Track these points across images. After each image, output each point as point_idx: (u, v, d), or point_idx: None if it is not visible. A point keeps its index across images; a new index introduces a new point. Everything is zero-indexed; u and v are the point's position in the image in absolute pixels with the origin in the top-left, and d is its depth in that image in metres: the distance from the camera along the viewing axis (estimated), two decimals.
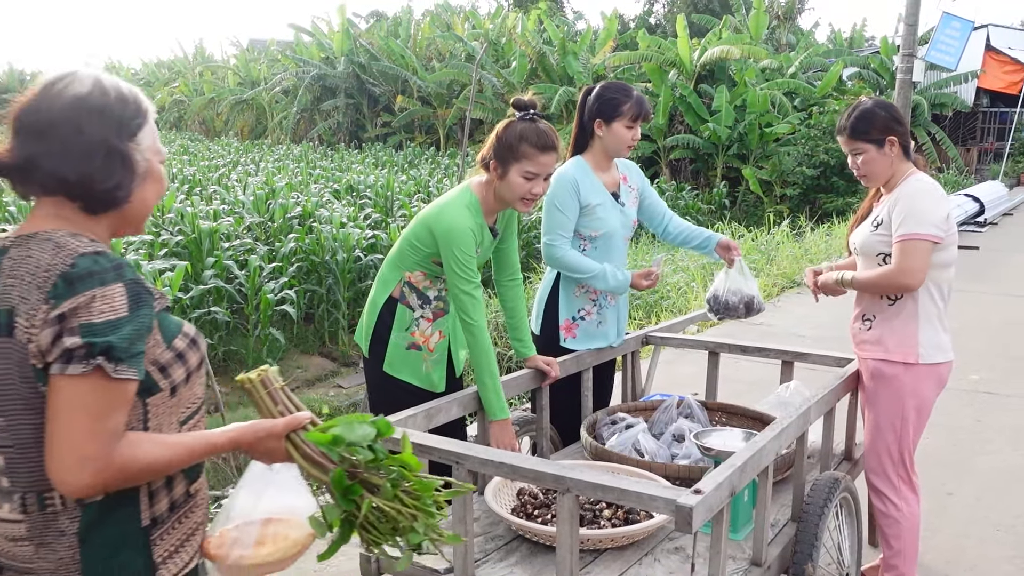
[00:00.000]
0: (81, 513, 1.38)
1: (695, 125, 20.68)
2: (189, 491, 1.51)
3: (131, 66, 48.31)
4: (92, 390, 1.30)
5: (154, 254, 9.04)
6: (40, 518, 1.38)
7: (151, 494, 1.44)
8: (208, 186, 14.98)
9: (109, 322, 1.30)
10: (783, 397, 3.35)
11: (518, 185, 2.76)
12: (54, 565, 1.38)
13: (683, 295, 8.67)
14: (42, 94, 1.41)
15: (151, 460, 1.37)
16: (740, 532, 2.59)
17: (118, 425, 1.33)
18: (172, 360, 1.44)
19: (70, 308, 1.29)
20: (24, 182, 1.41)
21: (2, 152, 1.40)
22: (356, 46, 29.16)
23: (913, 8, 16.94)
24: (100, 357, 1.29)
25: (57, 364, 1.29)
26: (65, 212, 1.42)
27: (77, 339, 1.28)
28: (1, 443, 1.38)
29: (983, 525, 3.84)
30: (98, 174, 1.39)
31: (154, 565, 1.44)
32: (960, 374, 6.18)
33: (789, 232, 12.35)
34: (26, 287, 1.33)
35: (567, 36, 25.58)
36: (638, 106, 3.26)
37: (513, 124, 2.78)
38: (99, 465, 1.31)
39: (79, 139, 1.38)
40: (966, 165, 23.41)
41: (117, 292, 1.32)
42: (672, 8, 38.46)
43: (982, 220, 15.14)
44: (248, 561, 1.48)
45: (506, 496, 2.69)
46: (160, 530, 1.45)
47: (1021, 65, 23.12)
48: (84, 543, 1.38)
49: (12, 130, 1.40)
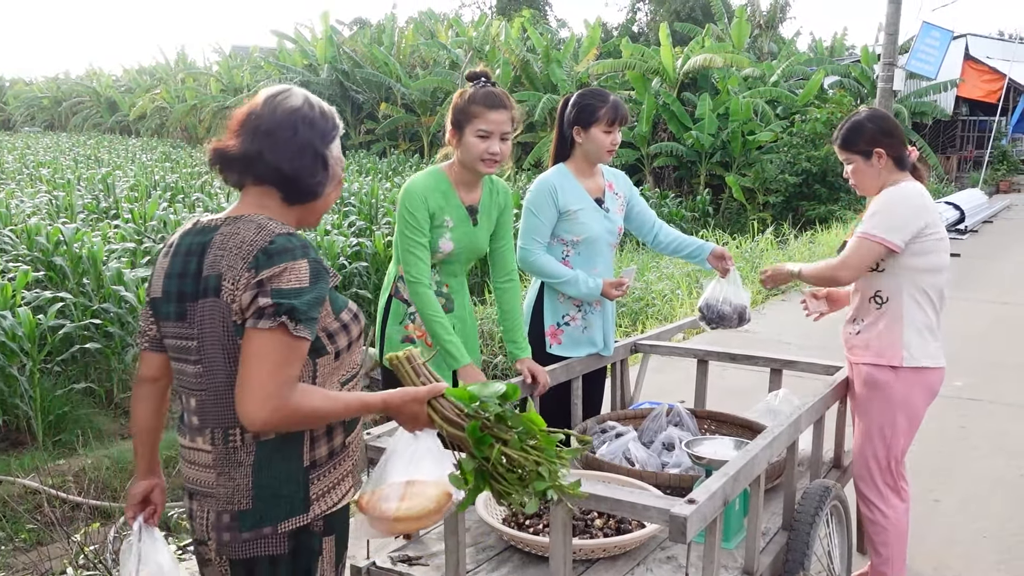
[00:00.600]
0: (256, 449, 1.69)
1: (678, 133, 20.78)
2: (345, 442, 1.80)
3: (112, 72, 48.08)
4: (275, 342, 1.59)
5: (137, 262, 8.97)
6: (224, 451, 1.70)
7: (312, 440, 1.73)
8: (191, 193, 14.90)
9: (294, 289, 1.61)
10: (772, 405, 3.36)
11: (473, 145, 2.83)
12: (230, 490, 1.70)
13: (668, 302, 8.69)
14: (265, 104, 1.74)
15: (316, 408, 1.65)
16: (732, 541, 2.59)
17: (293, 375, 1.62)
18: (338, 329, 1.75)
19: (267, 276, 1.61)
20: (243, 171, 1.74)
21: (231, 146, 1.73)
22: (339, 53, 29.12)
23: (893, 18, 17.12)
24: (284, 316, 1.59)
25: (251, 319, 1.61)
26: (267, 201, 1.75)
27: (268, 299, 1.59)
28: (197, 387, 1.72)
29: (969, 532, 3.86)
30: (306, 171, 1.73)
31: (309, 499, 1.72)
32: (944, 380, 6.21)
33: (773, 239, 12.41)
34: (233, 258, 1.65)
35: (551, 44, 25.63)
36: (614, 110, 3.27)
37: (464, 92, 2.87)
38: (277, 404, 1.59)
39: (294, 140, 1.71)
40: (946, 173, 23.62)
41: (303, 267, 1.64)
42: (655, 17, 38.66)
43: (963, 227, 15.27)
44: (392, 514, 1.75)
45: (498, 506, 2.67)
46: (318, 472, 1.74)
47: (999, 74, 23.39)
48: (257, 473, 1.69)
49: (237, 130, 1.73)
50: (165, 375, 1.87)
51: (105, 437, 6.92)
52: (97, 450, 6.52)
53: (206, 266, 1.68)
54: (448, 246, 2.89)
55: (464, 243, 2.93)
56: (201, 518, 1.75)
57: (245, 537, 1.70)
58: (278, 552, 1.71)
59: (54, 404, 6.85)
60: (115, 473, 6.11)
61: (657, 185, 21.16)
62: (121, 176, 18.30)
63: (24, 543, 5.10)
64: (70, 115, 47.09)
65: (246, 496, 1.69)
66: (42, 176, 17.97)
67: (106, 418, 7.27)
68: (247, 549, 1.71)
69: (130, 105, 41.27)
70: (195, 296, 1.69)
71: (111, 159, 24.84)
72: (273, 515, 1.70)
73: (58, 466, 6.12)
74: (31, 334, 6.57)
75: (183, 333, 1.72)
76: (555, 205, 3.29)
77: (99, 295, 7.89)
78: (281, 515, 1.70)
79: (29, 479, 5.70)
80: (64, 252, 8.38)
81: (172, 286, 1.73)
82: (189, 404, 1.75)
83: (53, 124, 48.81)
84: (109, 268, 7.90)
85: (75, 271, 8.21)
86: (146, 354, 1.86)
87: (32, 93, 51.23)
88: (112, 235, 10.02)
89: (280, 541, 1.71)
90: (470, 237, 2.96)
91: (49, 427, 6.73)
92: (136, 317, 7.52)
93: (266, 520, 1.70)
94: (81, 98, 46.62)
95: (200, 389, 1.71)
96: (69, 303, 7.52)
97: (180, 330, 1.73)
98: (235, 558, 1.72)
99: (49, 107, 49.20)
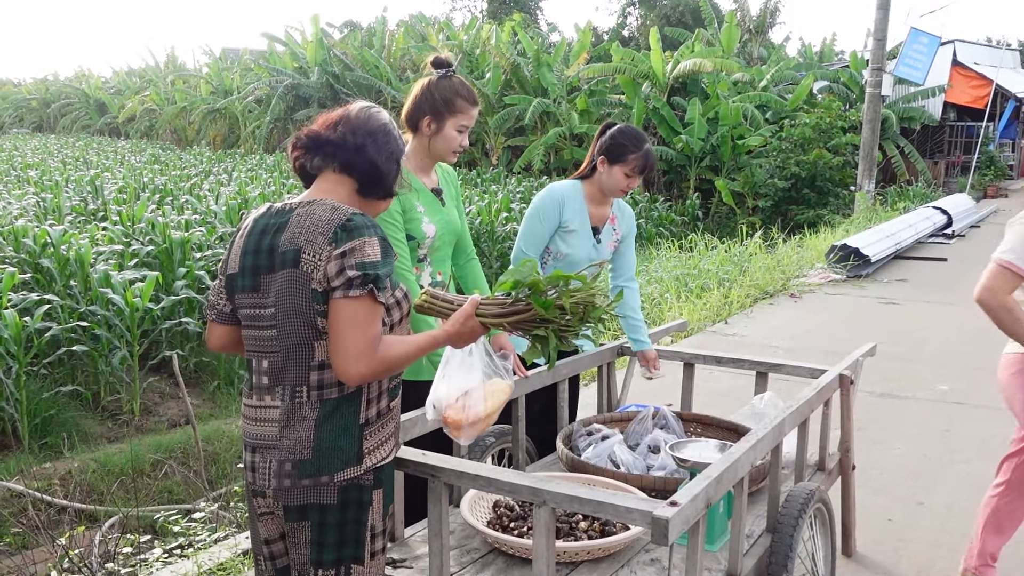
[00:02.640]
0: (320, 406, 1.91)
1: (668, 137, 20.85)
2: (390, 406, 2.03)
3: (101, 74, 47.92)
4: (365, 308, 1.85)
5: (124, 264, 8.94)
6: (291, 406, 1.92)
7: (367, 401, 1.96)
8: (180, 196, 14.86)
9: (374, 261, 1.86)
10: (757, 408, 3.37)
11: (452, 138, 2.85)
12: (293, 442, 1.91)
13: (657, 306, 8.71)
14: (360, 112, 2.04)
15: (399, 353, 1.91)
16: (715, 543, 2.59)
17: (379, 333, 1.88)
18: (393, 305, 1.97)
19: (348, 248, 1.85)
20: (333, 156, 2.00)
21: (332, 134, 2.00)
22: (330, 56, 29.09)
23: (882, 23, 17.22)
24: (371, 284, 1.84)
25: (341, 290, 1.84)
26: (339, 189, 2.01)
27: (356, 272, 1.84)
28: (270, 349, 1.94)
29: (954, 534, 3.88)
30: (391, 172, 2.04)
31: (362, 452, 1.94)
32: (929, 384, 6.26)
33: (761, 243, 12.45)
34: (311, 233, 1.88)
35: (541, 48, 25.68)
36: (643, 160, 3.32)
37: (441, 81, 2.84)
38: (369, 359, 1.85)
39: (387, 145, 2.03)
40: (934, 178, 23.73)
41: (376, 242, 1.89)
42: (645, 21, 38.77)
43: (950, 232, 15.35)
44: (485, 411, 2.13)
45: (482, 509, 2.68)
46: (371, 428, 1.96)
47: (987, 80, 23.51)
48: (318, 427, 1.91)
49: (332, 126, 2.01)
50: (229, 344, 2.11)
51: (91, 440, 6.89)
52: (83, 453, 6.50)
53: (283, 242, 1.91)
54: (431, 229, 2.89)
55: (442, 224, 2.94)
56: (263, 469, 1.94)
57: (304, 484, 1.90)
58: (328, 502, 1.91)
59: (40, 407, 6.81)
60: (101, 476, 6.08)
61: (647, 189, 21.20)
62: (109, 178, 18.23)
63: (9, 547, 5.07)
64: (59, 117, 46.88)
65: (307, 447, 1.90)
66: (30, 178, 17.89)
67: (92, 421, 7.24)
68: (303, 496, 1.91)
69: (119, 107, 41.10)
70: (270, 269, 1.92)
71: (100, 161, 24.74)
72: (330, 465, 1.90)
73: (44, 469, 6.09)
74: (17, 336, 6.54)
75: (257, 303, 1.95)
76: (559, 216, 3.34)
77: (86, 297, 7.86)
78: (338, 465, 1.91)
79: (14, 482, 5.67)
80: (51, 254, 8.35)
81: (248, 261, 1.96)
82: (261, 366, 1.97)
83: (41, 126, 48.57)
84: (96, 270, 7.88)
85: (62, 273, 8.18)
86: (212, 325, 2.10)
87: (20, 95, 51.00)
88: (100, 237, 9.99)
89: (332, 492, 1.91)
90: (445, 217, 2.97)
91: (35, 430, 6.69)
92: (123, 320, 7.50)
93: (324, 469, 1.90)
94: (70, 100, 46.41)
95: (274, 351, 1.93)
96: (56, 305, 7.49)
97: (254, 300, 1.95)
98: (289, 504, 1.93)
99: (37, 109, 48.97)
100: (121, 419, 7.31)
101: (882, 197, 19.71)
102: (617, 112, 22.52)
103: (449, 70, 2.87)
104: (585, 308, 2.01)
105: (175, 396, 7.77)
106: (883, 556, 3.65)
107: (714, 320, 8.48)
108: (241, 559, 3.62)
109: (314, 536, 1.94)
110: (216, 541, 4.02)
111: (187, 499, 5.80)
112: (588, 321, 2.04)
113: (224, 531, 4.30)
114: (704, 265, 10.71)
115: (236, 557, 3.64)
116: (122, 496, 5.73)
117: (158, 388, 7.96)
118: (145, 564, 3.90)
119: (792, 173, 18.27)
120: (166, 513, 4.89)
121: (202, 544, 4.02)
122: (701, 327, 8.17)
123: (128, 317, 7.43)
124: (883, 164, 22.37)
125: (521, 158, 22.57)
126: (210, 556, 3.65)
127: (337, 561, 1.95)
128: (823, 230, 15.26)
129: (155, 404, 7.77)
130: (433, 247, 2.94)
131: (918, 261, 12.62)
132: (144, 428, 7.26)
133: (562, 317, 1.99)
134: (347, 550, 1.95)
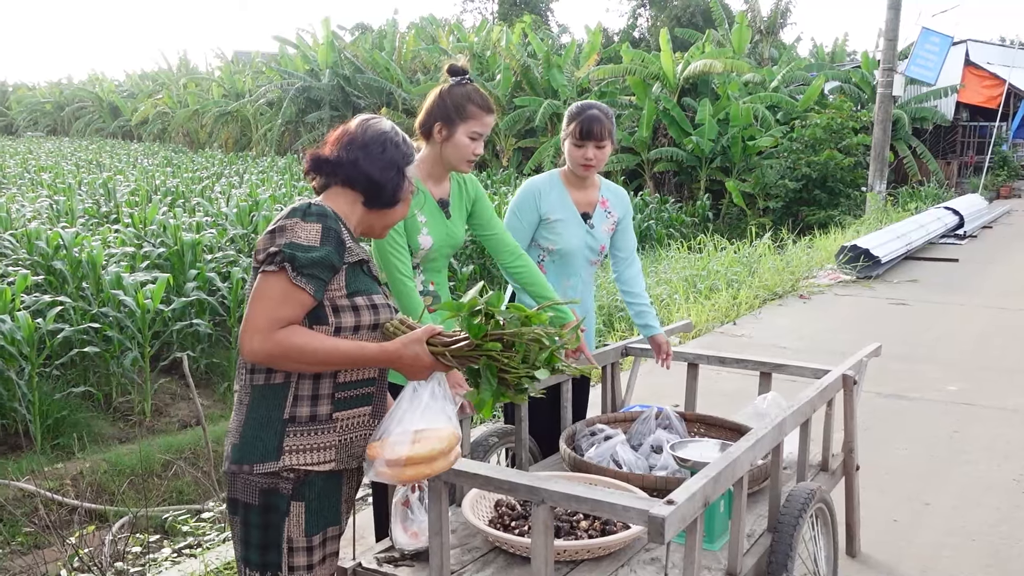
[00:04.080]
0: (251, 391, 1.95)
1: (678, 138, 20.82)
2: (332, 415, 1.96)
3: (115, 77, 48.25)
4: (274, 284, 1.84)
5: (136, 266, 9.00)
6: (240, 389, 1.98)
7: (296, 398, 1.93)
8: (191, 198, 14.95)
9: (302, 244, 1.86)
10: (760, 408, 3.37)
11: (464, 146, 2.82)
12: (235, 426, 1.96)
13: (666, 307, 8.71)
14: (359, 125, 2.06)
15: (307, 345, 1.84)
16: (716, 543, 2.60)
17: (285, 316, 1.84)
18: (346, 307, 1.94)
19: (279, 226, 1.89)
20: (334, 173, 2.03)
21: (329, 153, 2.03)
22: (341, 58, 29.19)
23: (893, 23, 17.17)
24: (287, 263, 1.83)
25: (262, 264, 1.86)
26: (341, 201, 2.03)
27: (276, 247, 1.85)
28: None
29: (959, 535, 3.88)
30: (390, 182, 2.05)
31: (281, 449, 1.91)
32: (938, 385, 6.24)
33: (771, 244, 12.42)
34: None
35: (552, 49, 25.71)
36: (581, 125, 3.23)
37: (454, 88, 2.83)
38: (263, 337, 1.82)
39: (384, 156, 2.04)
40: (946, 178, 23.62)
41: (315, 228, 1.89)
42: (655, 22, 38.73)
43: (962, 232, 15.29)
44: (405, 455, 1.88)
45: (484, 508, 2.69)
46: (296, 427, 1.93)
47: (1000, 80, 23.39)
48: (248, 413, 1.94)
49: (334, 143, 2.04)
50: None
51: (103, 441, 6.95)
52: (95, 454, 6.56)
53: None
54: (428, 241, 2.88)
55: (441, 237, 2.92)
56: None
57: (232, 469, 1.94)
58: (251, 502, 1.93)
59: (52, 408, 6.88)
60: (112, 477, 6.14)
61: (657, 190, 21.20)
62: (122, 181, 18.37)
63: (21, 546, 5.12)
64: (72, 120, 47.23)
65: (238, 432, 1.95)
66: (43, 181, 18.04)
67: (104, 422, 7.30)
68: (234, 487, 1.95)
69: (132, 110, 41.40)
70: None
71: (112, 164, 24.91)
72: (250, 454, 1.92)
73: (56, 470, 6.15)
74: (30, 338, 6.60)
75: None
76: (537, 209, 3.30)
77: (98, 299, 7.93)
78: (256, 456, 1.92)
79: (25, 482, 5.73)
80: (64, 256, 8.42)
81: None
82: None
83: (56, 129, 48.95)
84: (108, 272, 7.94)
85: (75, 275, 8.25)
86: None
87: (35, 98, 51.40)
88: (112, 239, 10.07)
89: (254, 491, 1.92)
90: (446, 230, 2.95)
91: (47, 431, 6.75)
92: (135, 322, 7.56)
93: (245, 457, 1.92)
94: (84, 103, 46.76)
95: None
96: (68, 307, 7.56)
97: None
98: (228, 496, 1.99)
99: (52, 112, 49.36)
100: (132, 420, 7.38)
101: (893, 198, 19.63)
102: (628, 113, 22.52)
103: (464, 77, 2.85)
104: (530, 347, 1.86)
105: (186, 397, 7.83)
106: (887, 556, 3.65)
107: (722, 321, 8.48)
108: None
109: (241, 534, 1.97)
110: (224, 540, 4.05)
111: (197, 499, 5.84)
112: (534, 365, 1.88)
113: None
114: (713, 266, 10.70)
115: None
116: (132, 496, 5.78)
117: (169, 389, 8.02)
118: (154, 563, 3.94)
119: (803, 174, 18.21)
120: (175, 513, 4.93)
121: (210, 544, 4.06)
122: (709, 328, 8.17)
123: (139, 319, 7.49)
124: (895, 165, 22.28)
125: (531, 160, 22.59)
126: (217, 555, 3.69)
127: (262, 565, 1.96)
128: (833, 231, 15.21)
129: (166, 405, 7.83)
130: (428, 257, 2.92)
131: (929, 262, 12.56)
132: (155, 429, 7.31)
133: (504, 355, 1.86)
134: (271, 556, 1.96)
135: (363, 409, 2.03)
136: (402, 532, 2.46)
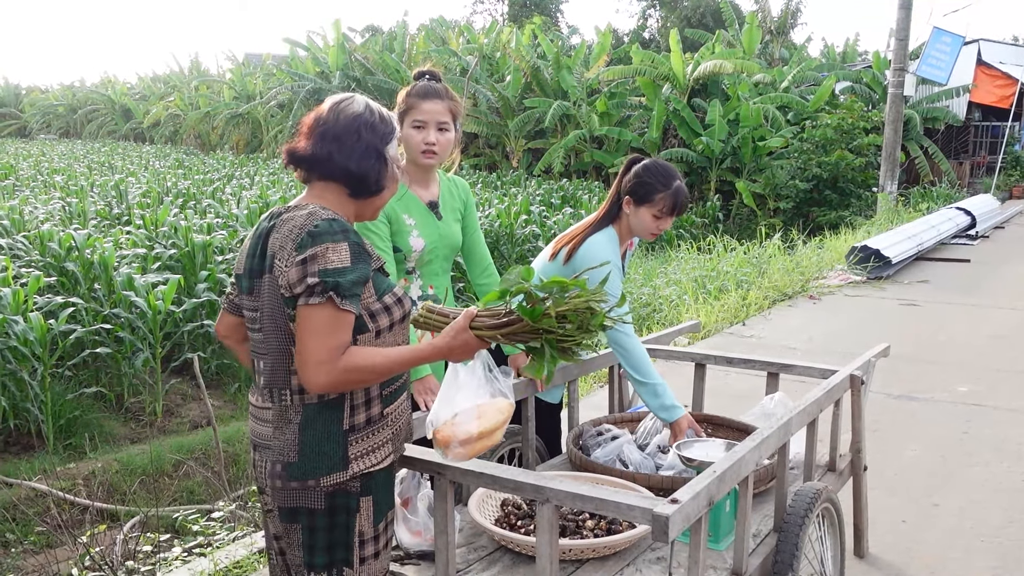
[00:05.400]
0: (302, 410, 1.93)
1: (689, 139, 20.79)
2: (383, 413, 2.00)
3: (127, 80, 48.49)
4: (325, 315, 1.83)
5: (147, 267, 9.05)
6: (279, 408, 1.95)
7: (352, 408, 1.95)
8: (202, 200, 15.01)
9: (337, 268, 1.84)
10: (767, 408, 3.37)
11: (410, 136, 2.87)
12: (282, 444, 1.94)
13: (675, 308, 8.70)
14: (330, 111, 1.98)
15: (369, 363, 1.87)
16: (722, 542, 2.61)
17: (343, 342, 1.85)
18: (380, 310, 1.95)
19: (310, 255, 1.83)
20: (312, 169, 1.98)
21: (301, 147, 1.97)
22: (351, 60, 29.25)
23: (904, 23, 17.09)
24: (331, 292, 1.82)
25: (303, 297, 1.83)
26: (327, 194, 2.00)
27: (316, 279, 1.82)
28: (263, 352, 1.98)
29: (967, 536, 3.87)
30: (371, 170, 1.97)
31: (348, 458, 1.93)
32: (948, 386, 6.21)
33: (781, 245, 12.39)
34: (284, 239, 1.89)
35: (561, 50, 25.71)
36: (673, 199, 3.09)
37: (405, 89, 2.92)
38: (329, 368, 1.83)
39: (359, 144, 1.95)
40: (958, 179, 23.50)
41: (344, 248, 1.86)
42: (665, 23, 38.68)
43: (974, 233, 15.21)
44: (476, 431, 2.01)
45: (491, 507, 2.71)
46: (357, 435, 1.95)
47: (1012, 80, 23.25)
48: (302, 431, 1.93)
49: (307, 133, 1.98)
50: (234, 334, 2.16)
51: (114, 441, 6.99)
52: (106, 454, 6.60)
53: (269, 247, 1.93)
54: (419, 243, 2.89)
55: (435, 238, 2.93)
56: (262, 467, 1.99)
57: (292, 486, 1.94)
58: (316, 507, 1.94)
59: (64, 408, 6.92)
60: (123, 477, 6.18)
61: None
62: (134, 183, 18.46)
63: (33, 545, 5.16)
64: (85, 122, 47.47)
65: (293, 450, 1.93)
66: (56, 183, 18.14)
67: (116, 422, 7.35)
68: (292, 499, 1.94)
69: (144, 112, 41.59)
70: (260, 273, 1.95)
71: (124, 166, 25.03)
72: (315, 469, 1.92)
73: (67, 470, 6.19)
74: (42, 339, 6.65)
75: (252, 305, 1.99)
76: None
77: (110, 300, 7.98)
78: (322, 470, 1.92)
79: (38, 482, 5.77)
80: (76, 258, 8.48)
81: (247, 264, 2.00)
82: (259, 366, 2.01)
83: (68, 131, 49.21)
84: (120, 274, 7.99)
85: (87, 277, 8.31)
86: (223, 313, 2.17)
87: (48, 101, 51.68)
88: (124, 241, 10.13)
89: (319, 496, 1.93)
90: (439, 231, 2.96)
91: (59, 431, 6.80)
92: (146, 323, 7.61)
93: (309, 473, 1.92)
94: (96, 106, 47.00)
95: (264, 353, 1.98)
96: (80, 308, 7.61)
97: (250, 302, 2.00)
98: (283, 506, 1.97)
99: (64, 115, 49.62)
100: (144, 420, 7.42)
101: (905, 198, 19.55)
102: (637, 114, 22.50)
103: (424, 77, 2.92)
104: (583, 316, 1.92)
105: (197, 398, 7.86)
106: (895, 557, 3.64)
107: (732, 322, 8.46)
108: (257, 557, 3.67)
109: (305, 539, 1.97)
110: (234, 540, 4.07)
111: (207, 499, 5.87)
112: (589, 330, 1.95)
113: (242, 530, 4.36)
114: (723, 267, 10.68)
115: (252, 555, 3.69)
116: (143, 496, 5.81)
117: (180, 390, 8.07)
118: (164, 563, 3.96)
119: (814, 174, 18.15)
120: (186, 513, 4.96)
121: (220, 543, 4.08)
122: (718, 328, 8.16)
123: (151, 320, 7.53)
124: (906, 165, 22.18)
125: (541, 161, 22.61)
126: (227, 554, 3.71)
127: (329, 565, 1.98)
128: (844, 231, 15.16)
129: (177, 406, 7.87)
130: (423, 260, 2.93)
131: (940, 262, 12.51)
132: (166, 429, 7.36)
133: (560, 327, 1.91)
134: (338, 554, 1.98)
135: (403, 396, 2.09)
136: (406, 532, 2.48)
